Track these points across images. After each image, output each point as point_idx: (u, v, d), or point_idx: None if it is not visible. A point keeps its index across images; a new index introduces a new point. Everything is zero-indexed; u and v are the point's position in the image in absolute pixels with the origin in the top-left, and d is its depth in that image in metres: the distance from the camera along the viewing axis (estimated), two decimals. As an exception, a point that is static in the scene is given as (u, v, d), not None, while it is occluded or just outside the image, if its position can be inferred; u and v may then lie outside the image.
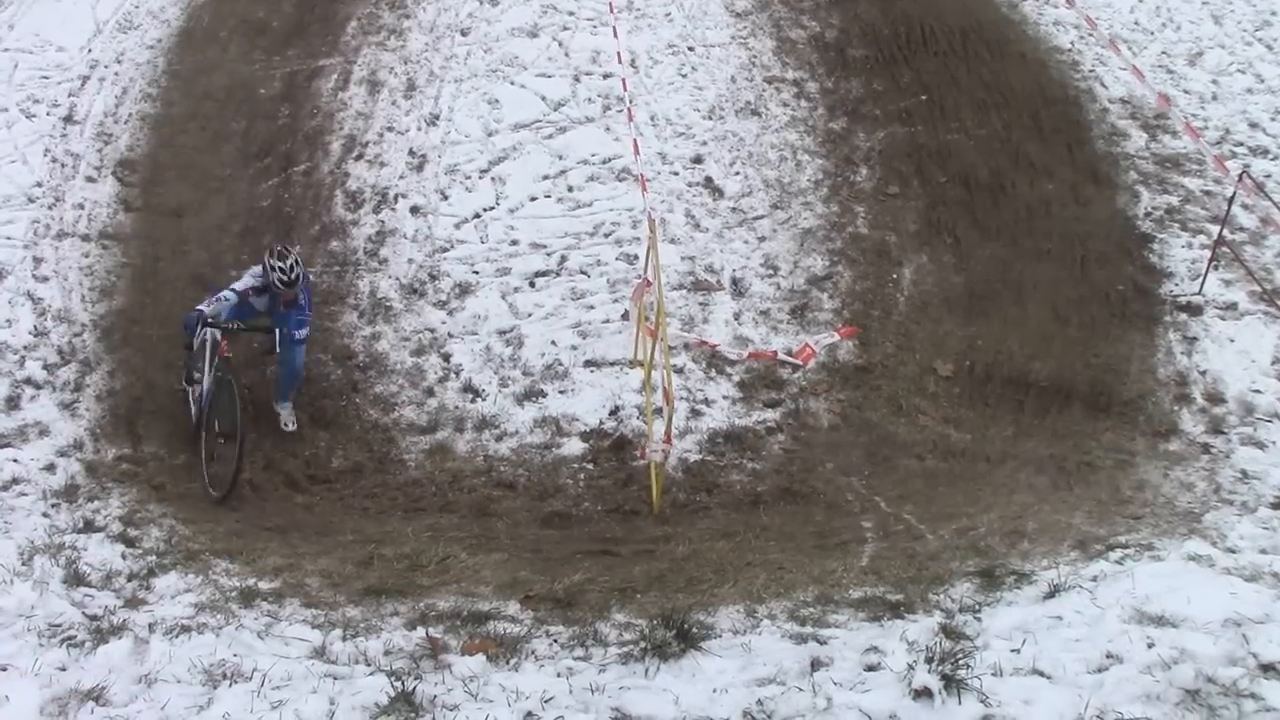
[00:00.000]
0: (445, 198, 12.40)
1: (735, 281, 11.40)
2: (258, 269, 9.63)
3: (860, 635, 5.42)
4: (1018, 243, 11.74)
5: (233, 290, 9.57)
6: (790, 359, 10.52)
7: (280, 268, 9.40)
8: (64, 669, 5.20)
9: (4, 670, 5.11)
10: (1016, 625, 5.32)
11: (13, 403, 9.37)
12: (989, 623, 5.41)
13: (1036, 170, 12.58)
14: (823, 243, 11.89)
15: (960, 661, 4.77)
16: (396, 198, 12.37)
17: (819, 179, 12.74)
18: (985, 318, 10.89)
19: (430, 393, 10.21)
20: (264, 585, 6.63)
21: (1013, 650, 5.04)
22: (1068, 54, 14.40)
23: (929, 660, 4.80)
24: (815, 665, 5.07)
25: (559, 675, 5.11)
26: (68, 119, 13.10)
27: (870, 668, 5.00)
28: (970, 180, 12.58)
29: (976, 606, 5.70)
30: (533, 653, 5.42)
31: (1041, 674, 4.79)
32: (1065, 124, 13.26)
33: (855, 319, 10.99)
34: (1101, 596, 5.52)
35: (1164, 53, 14.61)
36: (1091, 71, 14.09)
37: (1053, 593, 5.75)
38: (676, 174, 12.76)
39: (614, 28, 14.63)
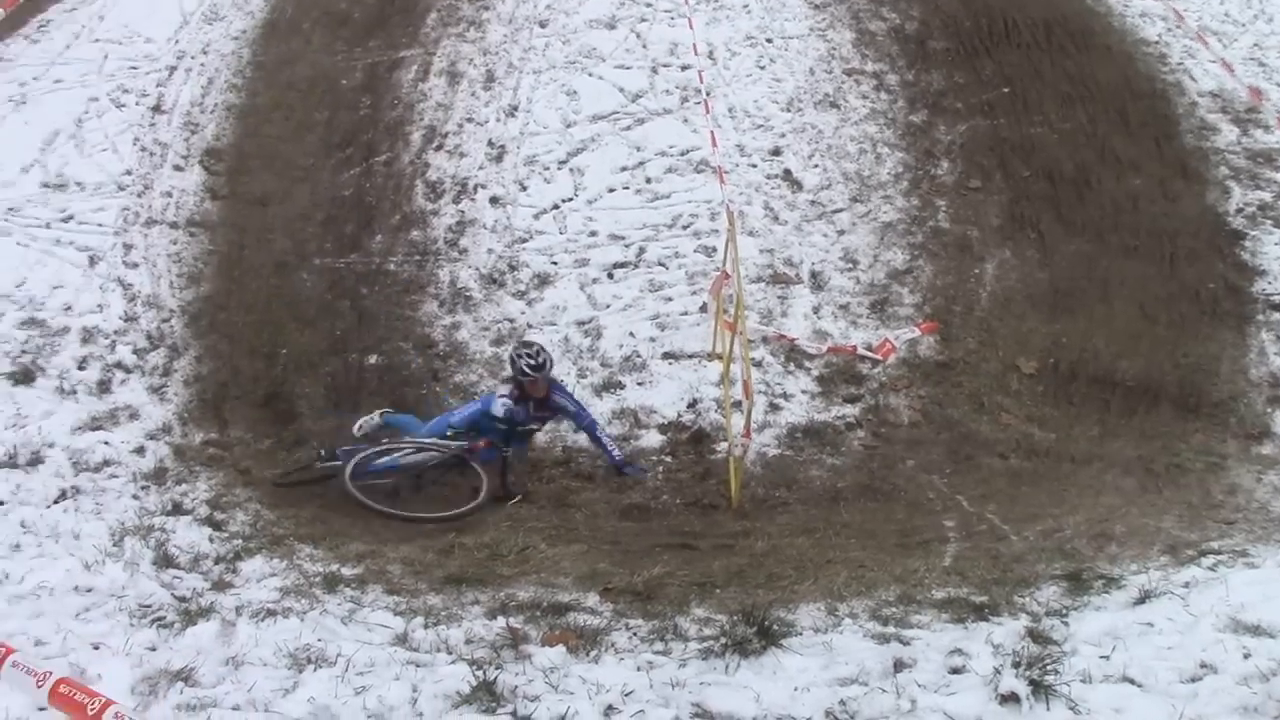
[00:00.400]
0: (524, 188, 12.45)
1: (814, 275, 11.32)
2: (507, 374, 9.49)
3: (944, 637, 5.34)
4: (1104, 239, 11.52)
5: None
6: (870, 354, 10.42)
7: (528, 354, 9.08)
8: (154, 649, 5.30)
9: (97, 649, 5.21)
10: (1106, 631, 5.21)
11: (104, 386, 9.57)
12: (1077, 628, 5.30)
13: (1123, 165, 12.33)
14: (903, 236, 11.76)
15: (1048, 667, 4.69)
16: (476, 188, 12.45)
17: (899, 172, 12.60)
18: (1070, 314, 10.70)
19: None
20: (347, 571, 6.70)
21: (1102, 657, 4.94)
22: (1155, 46, 14.10)
23: (1016, 664, 4.72)
24: (898, 666, 5.00)
25: (639, 669, 5.10)
26: (156, 108, 13.35)
27: (955, 670, 4.92)
28: (1055, 175, 12.36)
29: (1064, 611, 5.59)
30: (613, 645, 5.41)
31: (1132, 682, 4.68)
32: (1153, 118, 12.99)
33: (936, 314, 10.86)
34: (1194, 603, 5.38)
35: (1256, 45, 14.25)
36: (1180, 64, 13.78)
37: (1143, 598, 5.62)
38: (755, 166, 12.69)
39: (690, 20, 14.59)
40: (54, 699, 4.42)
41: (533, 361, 9.07)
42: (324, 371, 10.36)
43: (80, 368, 9.70)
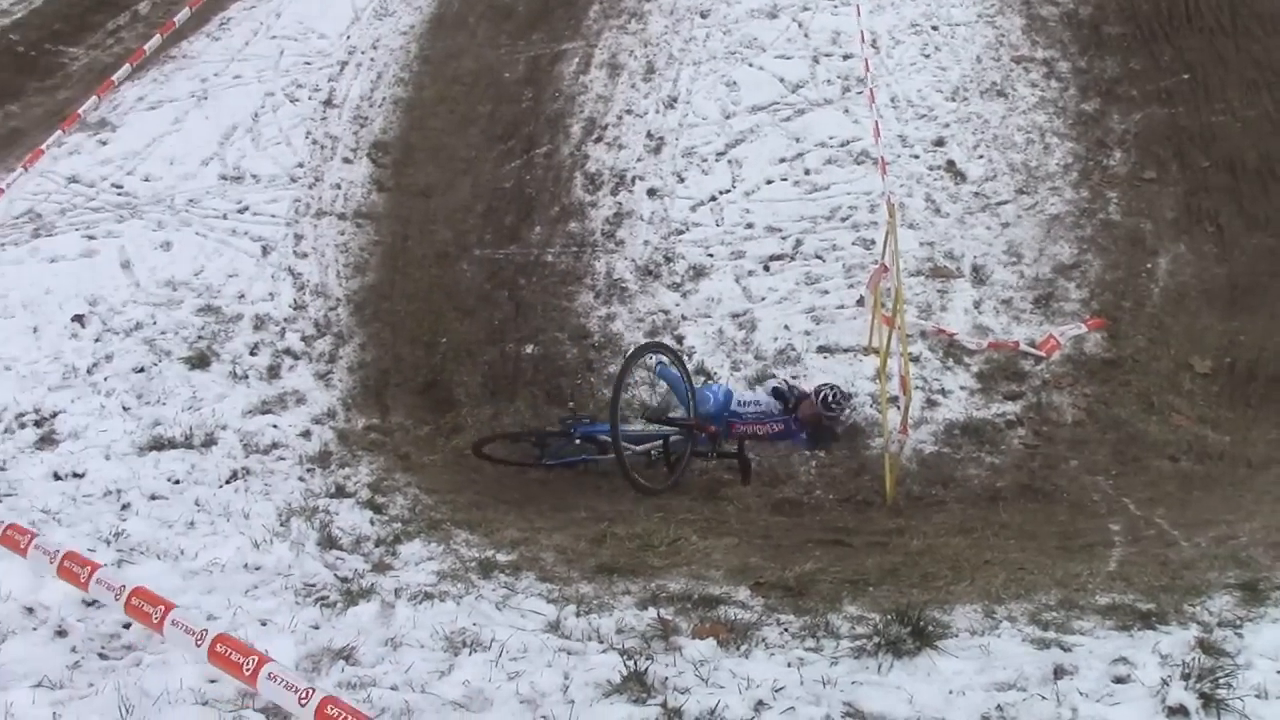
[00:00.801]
0: (681, 180, 12.46)
1: (976, 269, 11.04)
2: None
3: (1107, 644, 5.15)
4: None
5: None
6: (1033, 350, 10.12)
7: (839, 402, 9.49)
8: (317, 627, 5.47)
9: (265, 625, 5.40)
10: (1283, 644, 4.96)
11: (274, 372, 9.93)
12: (1251, 640, 5.05)
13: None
14: (1071, 230, 11.39)
15: (1220, 680, 4.47)
16: (634, 180, 12.51)
17: (1068, 163, 12.20)
18: (1250, 312, 10.20)
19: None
20: (501, 557, 6.80)
21: (1278, 671, 4.70)
22: (1352, 28, 13.32)
23: (1185, 676, 4.52)
24: (1058, 673, 4.84)
25: (789, 665, 5.05)
26: (327, 103, 13.79)
27: (1119, 680, 4.73)
28: (1236, 165, 11.79)
29: (1238, 622, 5.33)
30: (763, 640, 5.37)
31: (1312, 699, 4.45)
32: (1346, 104, 12.28)
33: (1104, 310, 10.48)
34: (1380, 619, 5.09)
35: None
36: (1378, 48, 13.00)
37: (1325, 612, 5.34)
38: (917, 157, 12.45)
39: (858, 6, 14.37)
40: (212, 657, 4.58)
41: (832, 414, 9.42)
42: (482, 360, 10.55)
43: (252, 353, 10.08)
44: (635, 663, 4.87)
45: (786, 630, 5.53)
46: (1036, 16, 14.46)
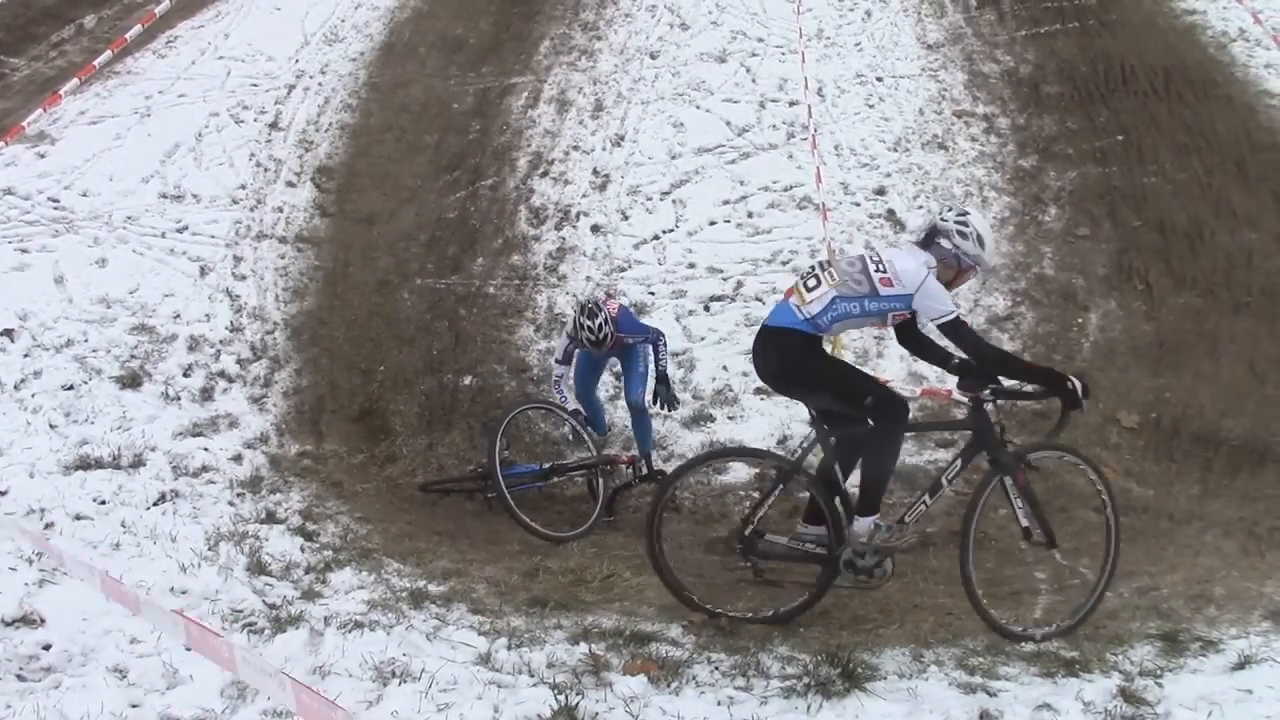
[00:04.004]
0: (626, 218, 12.54)
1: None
2: (569, 328, 9.50)
3: (1033, 690, 5.23)
4: (1215, 293, 11.23)
5: (562, 363, 9.56)
6: (965, 399, 10.24)
7: (589, 327, 9.15)
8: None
9: (189, 650, 5.32)
10: (1201, 695, 5.06)
11: (207, 394, 9.80)
12: (1171, 690, 5.15)
13: (1239, 218, 12.03)
14: (1005, 282, 11.59)
15: (1141, 728, 4.57)
16: (578, 215, 12.57)
17: (1005, 216, 12.45)
18: (1175, 370, 10.44)
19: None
20: (433, 588, 6.76)
21: (1197, 721, 4.81)
22: (1279, 98, 13.75)
23: (1107, 723, 4.61)
24: (984, 718, 4.91)
25: (719, 704, 5.07)
26: (273, 125, 13.72)
27: (1043, 725, 4.82)
28: (1166, 226, 12.11)
29: (1158, 671, 5.44)
30: (694, 678, 5.38)
31: (1229, 749, 4.54)
32: (1273, 171, 12.66)
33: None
34: (1297, 672, 5.21)
35: (1385, 102, 13.84)
36: (1304, 117, 13.44)
37: (1242, 664, 5.45)
38: (858, 205, 12.63)
39: (804, 55, 14.60)
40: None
41: (592, 337, 9.16)
42: (419, 390, 10.50)
43: (185, 375, 9.94)
44: (566, 697, 4.86)
45: (717, 669, 5.55)
46: (978, 73, 14.79)
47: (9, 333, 9.91)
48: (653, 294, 11.51)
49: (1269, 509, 8.85)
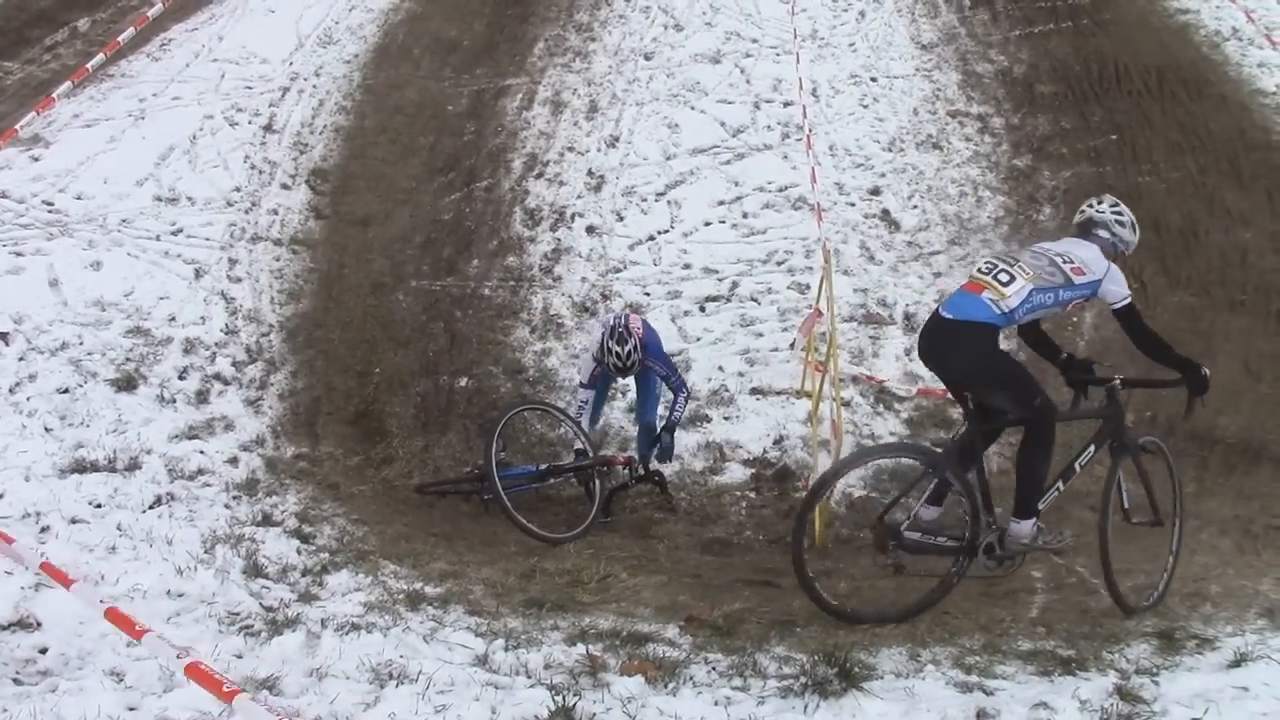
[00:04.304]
0: (621, 219, 12.55)
1: (908, 316, 11.22)
2: (595, 339, 9.38)
3: (1029, 689, 5.23)
4: (1209, 292, 11.25)
5: (586, 388, 9.47)
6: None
7: (618, 353, 9.06)
8: (240, 656, 5.39)
9: (187, 652, 5.31)
10: (1197, 693, 5.06)
11: (202, 397, 9.79)
12: (1167, 688, 5.16)
13: (1232, 217, 12.06)
14: (1001, 282, 11.59)
15: (1137, 726, 4.57)
16: (573, 217, 12.57)
17: (1000, 216, 12.47)
18: (1169, 369, 10.43)
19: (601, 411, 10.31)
20: (430, 590, 6.75)
21: (1193, 719, 4.81)
22: (1272, 97, 13.80)
23: (1103, 721, 4.61)
24: (981, 716, 4.91)
25: (716, 704, 5.06)
26: (267, 128, 13.71)
27: (1040, 724, 4.83)
28: (1160, 225, 12.12)
29: (1154, 669, 5.44)
30: (691, 679, 5.38)
31: (1225, 746, 4.55)
32: (1266, 170, 12.70)
33: (1030, 362, 10.62)
34: (1292, 670, 5.22)
35: (1378, 100, 13.87)
36: (1298, 116, 13.47)
37: (1238, 662, 5.45)
38: (853, 205, 12.65)
39: (798, 55, 14.62)
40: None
41: (620, 364, 9.10)
42: (415, 392, 10.50)
43: (181, 377, 9.93)
44: (563, 698, 4.86)
45: (714, 669, 5.55)
46: (972, 73, 14.82)
47: (4, 336, 9.89)
48: (648, 295, 11.52)
49: (1264, 507, 8.86)
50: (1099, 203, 6.83)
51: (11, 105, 13.88)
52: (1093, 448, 6.86)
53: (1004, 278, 6.44)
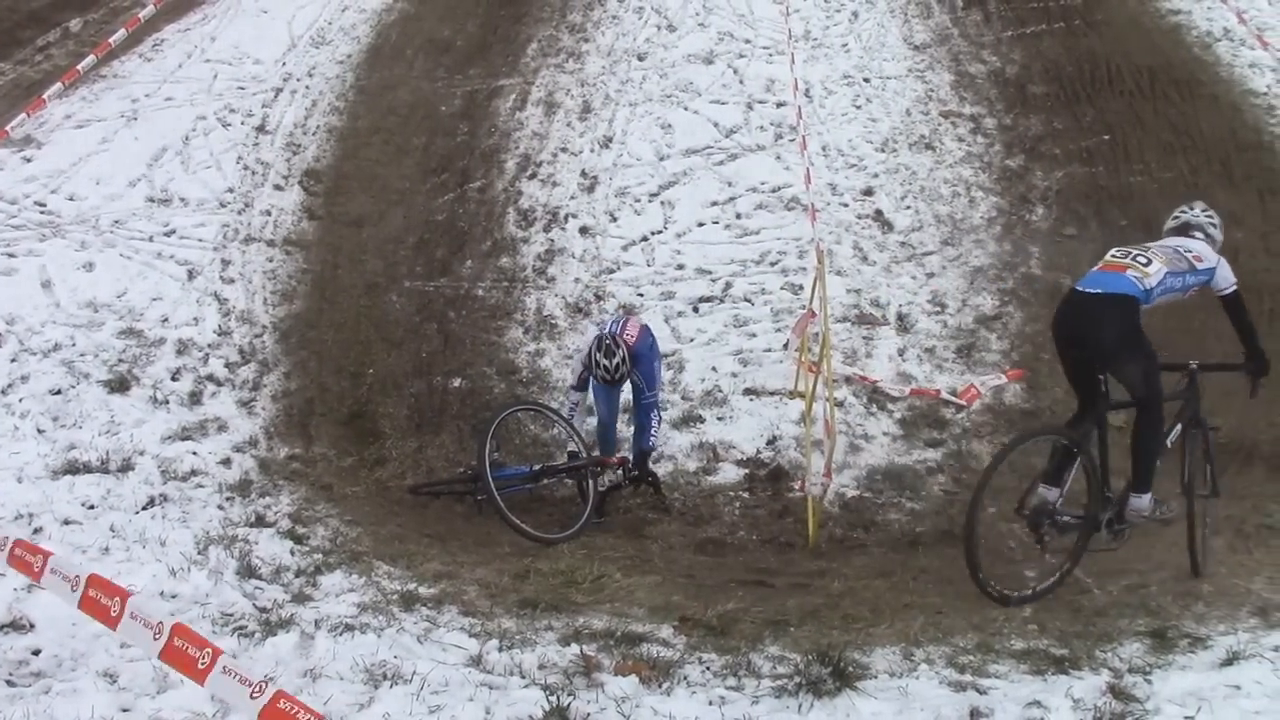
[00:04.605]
0: (614, 219, 12.55)
1: (901, 317, 11.23)
2: (584, 347, 9.31)
3: (1022, 688, 5.25)
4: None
5: (576, 390, 9.44)
6: (954, 399, 10.29)
7: (605, 365, 9.03)
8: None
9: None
10: (1190, 691, 5.09)
11: (195, 398, 9.77)
12: (1160, 686, 5.19)
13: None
14: (993, 282, 11.63)
15: (1130, 725, 4.59)
16: (567, 217, 12.57)
17: (992, 216, 12.49)
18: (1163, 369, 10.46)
19: (591, 411, 10.29)
20: (424, 590, 6.75)
21: (1186, 717, 4.83)
22: (1264, 97, 13.82)
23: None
24: (974, 715, 4.93)
25: (711, 703, 5.08)
26: (260, 129, 13.70)
27: (1033, 722, 4.85)
28: (1153, 224, 11.99)
29: (1147, 668, 5.47)
30: (685, 678, 5.39)
31: (1218, 744, 4.57)
32: (1258, 170, 12.72)
33: (1024, 361, 10.70)
34: (1284, 668, 5.25)
35: (1369, 101, 13.90)
36: (1290, 117, 13.50)
37: (1230, 660, 5.48)
38: (846, 205, 12.67)
39: (792, 55, 14.63)
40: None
41: (607, 376, 9.08)
42: (408, 392, 10.49)
43: (173, 379, 9.92)
44: (558, 698, 4.87)
45: (708, 669, 5.56)
46: (965, 73, 14.84)
47: (-5, 337, 9.88)
48: (641, 295, 11.52)
49: (1256, 506, 8.87)
50: (1190, 208, 7.67)
51: (3, 106, 13.85)
52: (1179, 426, 7.45)
53: (1143, 260, 7.11)
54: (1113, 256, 7.27)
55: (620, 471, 9.34)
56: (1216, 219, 7.57)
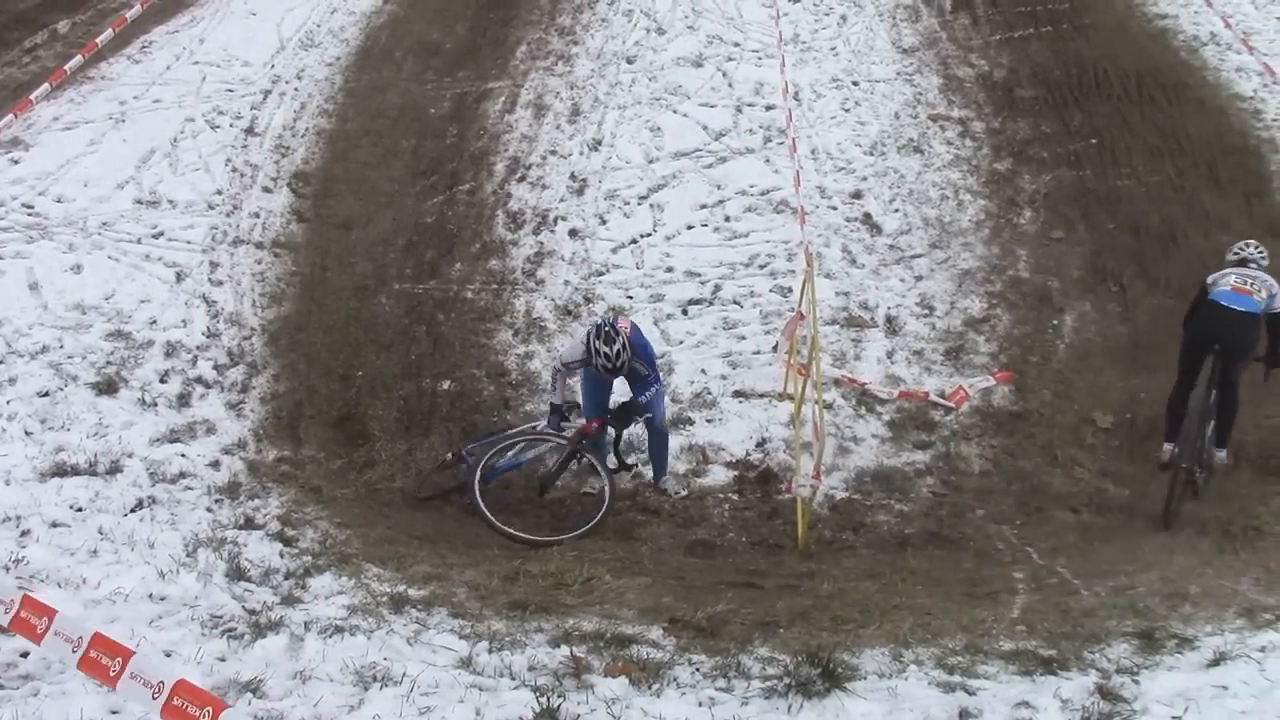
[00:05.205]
0: (604, 222, 12.56)
1: (889, 319, 11.26)
2: (579, 342, 9.07)
3: (1011, 689, 5.27)
4: (1187, 294, 11.24)
5: (562, 367, 9.20)
6: (943, 401, 10.33)
7: (606, 354, 8.81)
8: (223, 659, 5.39)
9: (169, 656, 5.31)
10: (1178, 692, 5.11)
11: (184, 400, 9.75)
12: (1148, 687, 5.21)
13: (1211, 221, 12.15)
14: (981, 284, 11.67)
15: (1118, 725, 4.61)
16: (556, 220, 12.58)
17: (980, 219, 12.53)
18: (1150, 370, 10.51)
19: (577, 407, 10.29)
20: (413, 592, 6.75)
21: (1173, 717, 4.85)
22: (1250, 102, 13.91)
23: (1085, 720, 4.65)
24: (963, 716, 4.95)
25: (701, 705, 5.09)
26: (249, 131, 13.68)
27: (1021, 723, 4.86)
28: (1140, 228, 12.22)
29: (1135, 669, 5.49)
30: (675, 680, 5.40)
31: (1205, 744, 4.59)
32: (1244, 174, 12.80)
33: (1012, 364, 10.74)
34: (1271, 669, 5.26)
35: (1354, 105, 13.99)
36: (1275, 120, 13.58)
37: (1217, 661, 5.50)
38: (835, 208, 12.69)
39: (782, 59, 14.66)
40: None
41: (608, 364, 8.90)
42: (397, 395, 10.48)
43: (162, 381, 9.88)
44: (547, 700, 4.88)
45: (698, 670, 5.57)
46: (953, 77, 14.89)
47: (-16, 339, 9.84)
48: (631, 298, 11.53)
49: (1243, 508, 8.92)
50: (1248, 245, 9.65)
51: (-9, 107, 13.82)
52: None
53: (1255, 286, 9.16)
54: (1239, 282, 9.22)
55: (610, 430, 9.29)
56: (1265, 252, 9.58)
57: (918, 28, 16.07)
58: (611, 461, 9.34)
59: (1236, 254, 9.60)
